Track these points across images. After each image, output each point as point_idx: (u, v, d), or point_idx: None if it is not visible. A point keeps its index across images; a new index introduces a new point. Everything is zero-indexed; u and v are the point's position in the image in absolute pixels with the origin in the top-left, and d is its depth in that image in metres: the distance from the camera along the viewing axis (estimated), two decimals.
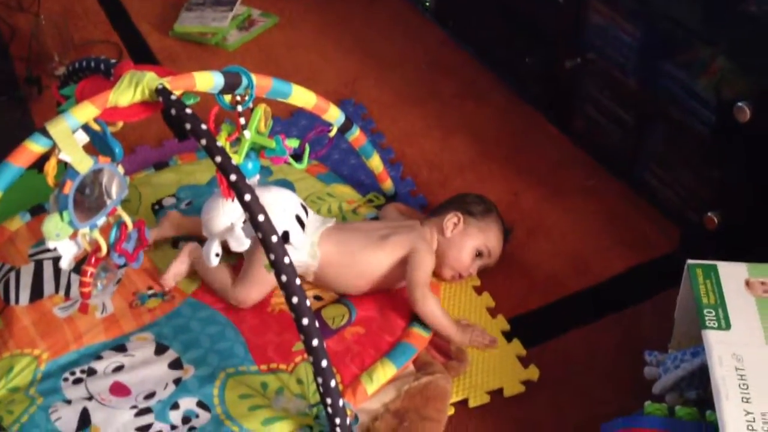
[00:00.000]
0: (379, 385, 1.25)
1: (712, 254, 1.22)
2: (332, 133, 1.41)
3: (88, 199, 1.15)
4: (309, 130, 1.39)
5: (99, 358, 1.30)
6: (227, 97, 1.20)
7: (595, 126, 1.64)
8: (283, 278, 1.02)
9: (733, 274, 1.16)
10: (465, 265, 1.41)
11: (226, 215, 1.25)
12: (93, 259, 1.20)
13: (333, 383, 1.07)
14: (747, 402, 0.99)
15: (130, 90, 1.07)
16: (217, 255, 1.28)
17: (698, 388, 1.12)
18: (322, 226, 1.38)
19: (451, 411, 1.24)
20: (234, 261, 1.41)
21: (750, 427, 0.96)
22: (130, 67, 1.11)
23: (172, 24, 2.21)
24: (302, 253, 1.34)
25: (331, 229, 1.38)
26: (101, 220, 1.16)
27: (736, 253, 1.22)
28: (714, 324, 1.09)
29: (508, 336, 1.36)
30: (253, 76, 1.19)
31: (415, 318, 1.35)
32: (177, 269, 1.42)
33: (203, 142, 1.03)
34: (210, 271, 1.38)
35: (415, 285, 1.33)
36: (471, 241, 1.41)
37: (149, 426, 1.20)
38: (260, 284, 1.35)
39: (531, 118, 1.82)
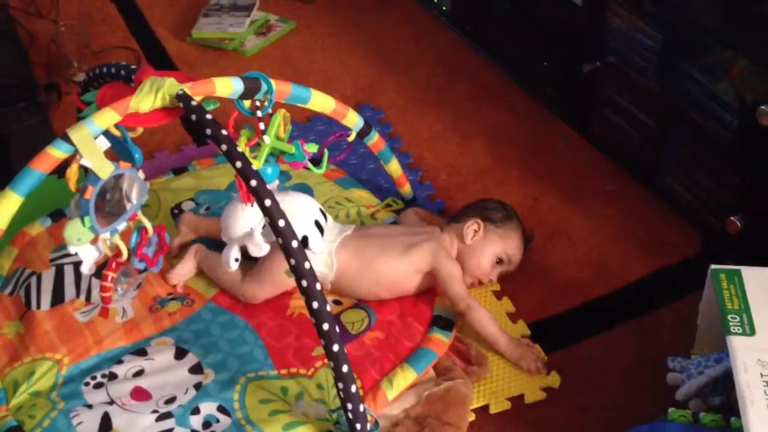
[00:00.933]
0: (399, 390, 1.24)
1: (734, 259, 1.21)
2: (351, 138, 1.41)
3: (108, 205, 1.16)
4: (326, 135, 1.39)
5: (120, 362, 1.30)
6: (247, 103, 1.20)
7: (614, 130, 1.63)
8: (304, 283, 1.02)
9: (757, 278, 1.15)
10: (485, 271, 1.40)
11: (246, 220, 1.25)
12: (114, 264, 1.21)
13: (354, 389, 1.07)
14: None
15: (151, 96, 1.07)
16: (237, 260, 1.28)
17: (722, 394, 1.10)
18: (341, 234, 1.38)
19: (472, 417, 1.24)
20: (251, 265, 1.40)
21: None
22: (150, 73, 1.12)
23: (189, 30, 2.22)
24: (319, 263, 1.34)
25: (348, 238, 1.37)
26: (122, 225, 1.16)
27: (759, 257, 1.21)
28: (738, 330, 1.08)
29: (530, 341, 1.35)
30: (273, 82, 1.19)
31: (435, 322, 1.34)
32: (181, 269, 1.42)
33: (224, 147, 1.04)
34: (218, 269, 1.38)
35: (456, 300, 1.33)
36: (491, 248, 1.40)
37: (170, 430, 1.20)
38: (272, 284, 1.36)
39: (549, 122, 1.82)
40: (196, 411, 1.22)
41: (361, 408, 1.09)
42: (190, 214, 1.52)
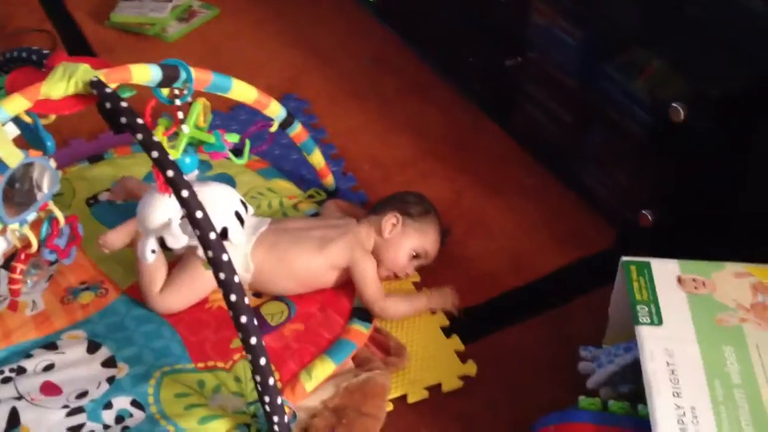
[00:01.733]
0: (318, 382, 1.24)
1: (646, 251, 1.24)
2: (273, 129, 1.40)
3: (17, 194, 1.12)
4: (249, 125, 1.38)
5: (29, 356, 1.27)
6: (165, 91, 1.18)
7: (535, 125, 1.66)
8: (221, 275, 1.01)
9: (665, 270, 1.19)
10: (401, 265, 1.41)
11: (163, 211, 1.23)
12: (23, 256, 1.17)
13: (271, 381, 1.06)
14: (678, 396, 1.01)
15: (63, 82, 1.04)
16: (153, 252, 1.26)
17: (631, 382, 1.14)
18: (256, 231, 1.35)
19: (390, 407, 1.25)
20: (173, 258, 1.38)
21: (680, 421, 0.98)
22: (63, 59, 1.08)
23: (108, 13, 2.16)
24: (236, 266, 1.32)
25: (263, 235, 1.36)
26: (32, 216, 1.13)
27: (669, 250, 1.24)
28: (647, 320, 1.11)
29: (447, 332, 1.36)
30: (192, 70, 1.17)
31: (354, 314, 1.35)
32: (117, 236, 1.36)
33: (139, 136, 1.01)
34: (143, 265, 1.35)
35: (371, 303, 1.34)
36: (408, 242, 1.41)
37: (81, 426, 1.17)
38: (188, 295, 1.33)
39: (474, 116, 1.84)
40: (108, 405, 1.20)
41: (279, 400, 1.08)
42: (134, 180, 1.49)
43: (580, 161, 1.57)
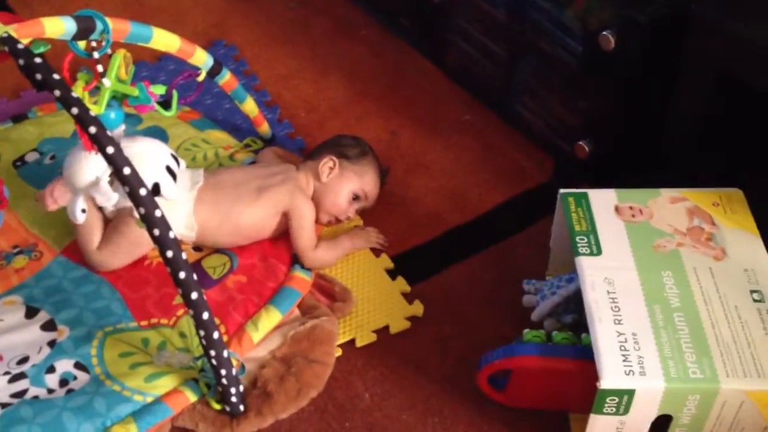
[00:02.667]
0: (264, 332, 1.23)
1: (584, 183, 1.25)
2: (201, 78, 1.35)
3: None
4: (178, 75, 1.33)
5: None
6: (82, 44, 1.13)
7: (468, 60, 1.64)
8: (156, 232, 0.98)
9: (602, 200, 1.20)
10: (342, 209, 1.40)
11: (90, 169, 1.19)
12: None
13: (216, 335, 1.05)
14: (619, 323, 1.03)
15: None
16: (84, 211, 1.22)
17: (574, 312, 1.16)
18: (193, 188, 1.32)
19: (339, 352, 1.25)
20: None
21: (622, 347, 1.01)
22: None
23: None
24: (179, 225, 1.29)
25: (202, 191, 1.32)
26: None
27: (606, 180, 1.26)
28: (586, 250, 1.13)
29: (392, 274, 1.37)
30: (109, 20, 1.12)
31: (296, 261, 1.34)
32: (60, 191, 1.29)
33: (57, 92, 0.97)
34: (78, 226, 1.31)
35: (302, 252, 1.33)
36: (347, 184, 1.40)
37: (24, 391, 1.15)
38: (127, 253, 1.30)
39: (405, 54, 1.81)
40: (51, 369, 1.17)
41: (225, 353, 1.07)
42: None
43: (515, 95, 1.56)
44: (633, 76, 1.30)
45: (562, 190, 1.22)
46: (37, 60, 0.99)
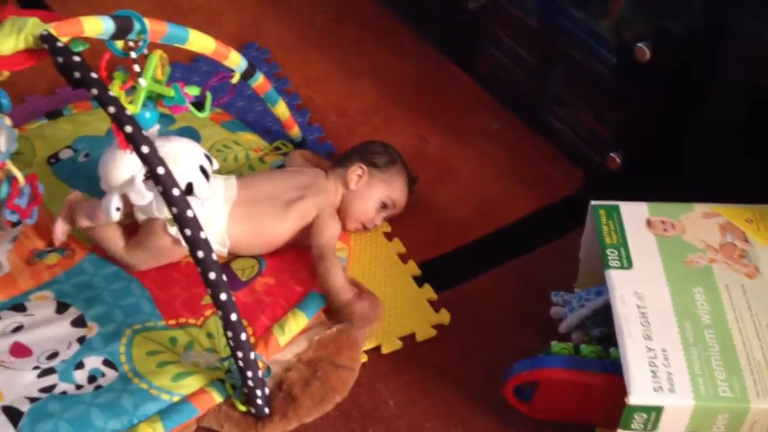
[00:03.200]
0: (291, 336, 1.24)
1: (614, 194, 1.24)
2: (234, 80, 1.36)
3: None
4: (211, 77, 1.34)
5: None
6: (119, 44, 1.14)
7: (499, 68, 1.64)
8: (188, 232, 0.99)
9: (634, 213, 1.19)
10: (370, 216, 1.40)
11: (126, 167, 1.20)
12: None
13: (243, 336, 1.05)
14: (648, 339, 1.02)
15: (12, 37, 1.00)
16: (118, 209, 1.23)
17: (602, 326, 1.15)
18: (227, 201, 1.32)
19: (365, 358, 1.25)
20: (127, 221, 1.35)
21: (652, 363, 1.00)
22: (11, 12, 1.04)
23: None
24: (212, 242, 1.29)
25: (237, 206, 1.32)
26: None
27: (637, 192, 1.25)
28: (617, 263, 1.12)
29: (419, 281, 1.36)
30: (146, 21, 1.13)
31: None
32: (62, 226, 1.35)
33: (94, 91, 0.98)
34: (97, 231, 1.32)
35: (315, 248, 1.31)
36: (375, 192, 1.40)
37: (53, 386, 1.16)
38: (159, 254, 1.31)
39: (436, 61, 1.81)
40: (80, 365, 1.18)
41: (252, 355, 1.08)
42: (76, 195, 1.39)
43: (546, 104, 1.56)
44: (668, 87, 1.29)
45: (593, 202, 1.21)
46: (76, 58, 1.00)
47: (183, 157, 1.26)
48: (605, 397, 1.05)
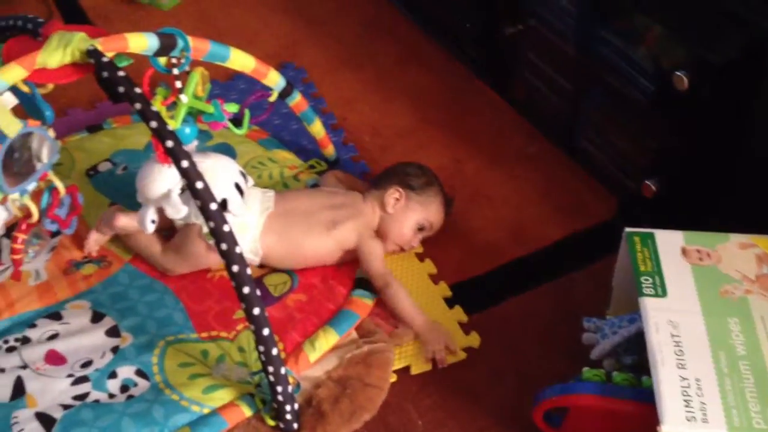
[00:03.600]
0: (321, 352, 1.24)
1: (649, 222, 1.23)
2: (272, 98, 1.38)
3: (17, 164, 1.11)
4: (249, 94, 1.36)
5: (33, 326, 1.26)
6: (162, 60, 1.16)
7: (535, 93, 1.65)
8: (223, 246, 1.00)
9: (669, 241, 1.18)
10: (407, 239, 1.41)
11: (163, 181, 1.22)
12: (24, 226, 1.16)
13: (275, 351, 1.06)
14: (682, 368, 1.01)
15: (59, 51, 1.03)
16: (153, 222, 1.25)
17: (635, 353, 1.14)
18: (263, 213, 1.33)
19: (394, 378, 1.25)
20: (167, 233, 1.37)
21: (685, 393, 0.99)
22: (58, 27, 1.07)
23: None
24: (245, 250, 1.31)
25: (271, 217, 1.34)
26: (31, 186, 1.12)
27: (672, 220, 1.24)
28: (651, 291, 1.11)
29: (450, 302, 1.36)
30: (190, 39, 1.16)
31: (358, 285, 1.34)
32: (96, 236, 1.38)
33: (137, 106, 1.00)
34: (134, 237, 1.34)
35: (375, 277, 1.33)
36: (413, 215, 1.40)
37: (86, 395, 1.18)
38: (194, 259, 1.33)
39: (471, 84, 1.82)
40: (113, 375, 1.20)
41: (283, 370, 1.08)
42: (115, 209, 1.39)
43: (581, 130, 1.56)
44: (706, 116, 1.28)
45: (627, 229, 1.21)
46: (121, 73, 1.02)
47: (219, 174, 1.28)
48: (637, 426, 1.04)
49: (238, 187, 1.30)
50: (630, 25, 1.37)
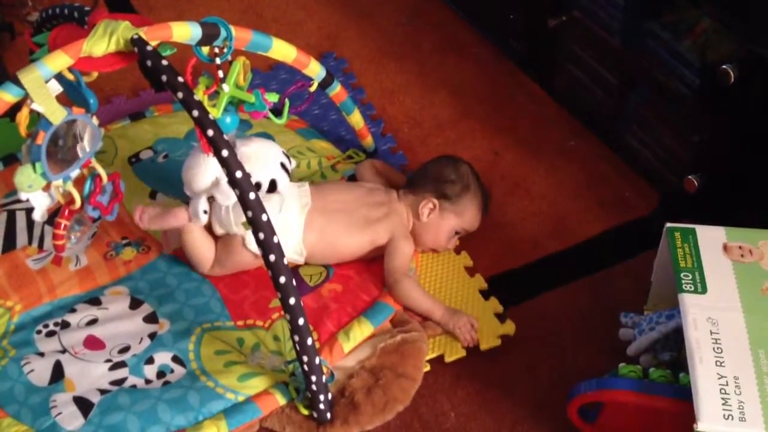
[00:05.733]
0: (355, 343, 1.25)
1: (690, 217, 1.22)
2: (312, 88, 1.39)
3: (61, 151, 1.13)
4: (289, 84, 1.36)
5: (73, 311, 1.29)
6: (205, 49, 1.17)
7: (577, 85, 1.63)
8: (261, 236, 1.01)
9: (710, 237, 1.16)
10: (441, 245, 1.41)
11: (210, 170, 1.23)
12: (66, 212, 1.18)
13: (309, 341, 1.07)
14: (720, 366, 1.00)
15: (105, 39, 1.04)
16: (206, 212, 1.26)
17: (672, 350, 1.13)
18: (303, 210, 1.33)
19: (427, 368, 1.25)
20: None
21: (723, 391, 0.97)
22: (104, 16, 1.08)
23: None
24: (289, 251, 1.32)
25: (311, 215, 1.34)
26: (75, 172, 1.14)
27: (714, 216, 1.22)
28: (690, 287, 1.09)
29: (486, 295, 1.36)
30: (232, 28, 1.16)
31: None
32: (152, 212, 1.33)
33: (180, 95, 1.01)
34: (193, 244, 1.33)
35: (388, 271, 1.32)
36: (446, 224, 1.39)
37: (123, 380, 1.19)
38: (238, 268, 1.34)
39: (513, 76, 1.81)
40: (150, 360, 1.22)
41: (317, 360, 1.09)
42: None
43: (624, 124, 1.54)
44: (752, 112, 1.25)
45: (668, 224, 1.19)
46: (164, 62, 1.03)
47: (266, 156, 1.28)
48: (673, 423, 1.03)
49: (283, 167, 1.30)
50: (678, 18, 1.34)
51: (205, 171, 1.23)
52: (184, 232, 1.32)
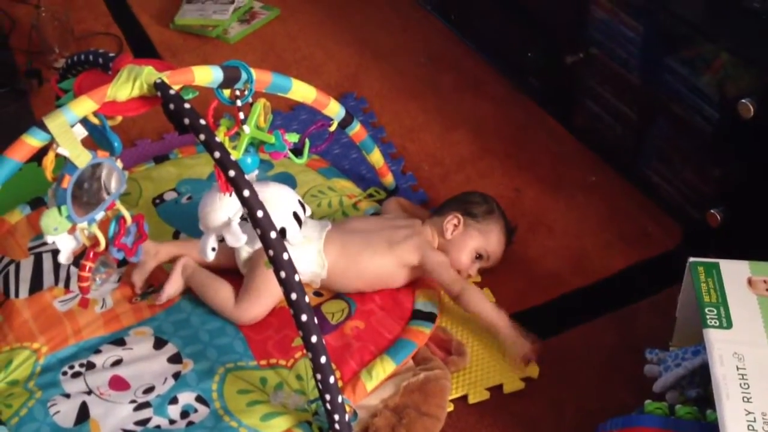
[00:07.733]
0: (378, 381, 1.24)
1: (713, 251, 1.21)
2: (333, 128, 1.40)
3: (86, 194, 1.14)
4: (309, 125, 1.38)
5: (98, 352, 1.30)
6: (226, 92, 1.19)
7: (596, 121, 1.63)
8: (282, 274, 1.02)
9: (735, 272, 1.15)
10: (464, 266, 1.40)
11: (224, 210, 1.24)
12: (91, 254, 1.20)
13: (332, 380, 1.07)
14: (748, 401, 0.98)
15: (129, 84, 1.06)
16: (214, 249, 1.27)
17: (699, 386, 1.11)
18: (322, 231, 1.36)
19: (451, 407, 1.24)
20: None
21: (750, 427, 0.95)
22: (128, 61, 1.11)
23: (173, 16, 2.20)
24: (311, 263, 1.33)
25: (331, 233, 1.36)
26: (100, 215, 1.15)
27: (738, 250, 1.21)
28: (715, 323, 1.08)
29: None
30: (253, 71, 1.18)
31: (415, 315, 1.34)
32: (169, 289, 1.38)
33: (201, 137, 1.03)
34: (208, 288, 1.36)
35: (450, 284, 1.33)
36: (471, 242, 1.40)
37: (148, 420, 1.20)
38: (264, 298, 1.34)
39: (532, 113, 1.81)
40: (174, 401, 1.22)
41: (340, 399, 1.08)
42: (148, 243, 1.39)
43: (644, 159, 1.54)
44: None
45: (691, 259, 1.18)
46: (186, 105, 1.05)
47: (279, 203, 1.29)
48: None
49: (296, 216, 1.31)
50: (696, 53, 1.35)
51: (219, 210, 1.24)
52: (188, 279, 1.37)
